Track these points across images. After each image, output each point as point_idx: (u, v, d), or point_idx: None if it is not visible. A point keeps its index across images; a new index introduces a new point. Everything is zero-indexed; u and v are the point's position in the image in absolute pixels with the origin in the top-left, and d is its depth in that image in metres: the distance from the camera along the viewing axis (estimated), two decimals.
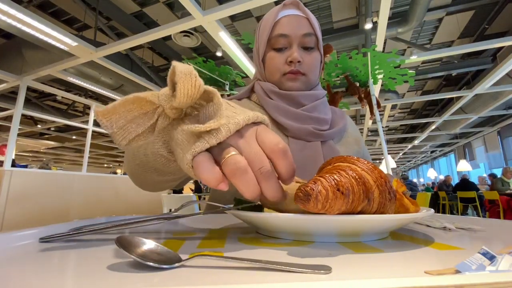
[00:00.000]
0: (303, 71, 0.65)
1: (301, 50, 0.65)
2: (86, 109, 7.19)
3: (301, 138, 0.63)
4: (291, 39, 0.64)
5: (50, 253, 0.26)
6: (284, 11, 0.66)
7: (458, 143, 10.66)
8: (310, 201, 0.27)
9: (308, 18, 0.66)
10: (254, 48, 0.73)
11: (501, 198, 4.63)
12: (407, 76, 3.08)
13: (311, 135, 0.63)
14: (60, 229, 0.34)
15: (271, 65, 0.67)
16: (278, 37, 0.65)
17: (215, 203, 0.38)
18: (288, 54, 0.65)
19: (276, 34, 0.65)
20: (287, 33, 0.64)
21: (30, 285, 0.17)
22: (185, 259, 0.21)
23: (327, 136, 0.65)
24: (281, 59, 0.65)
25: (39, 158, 13.95)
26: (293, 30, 0.64)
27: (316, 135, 0.64)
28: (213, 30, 3.11)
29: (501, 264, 0.17)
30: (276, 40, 0.65)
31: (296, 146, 0.62)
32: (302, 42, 0.65)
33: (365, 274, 0.19)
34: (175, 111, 0.28)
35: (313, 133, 0.63)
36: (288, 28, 0.64)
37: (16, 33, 3.27)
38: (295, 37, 0.64)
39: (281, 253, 0.25)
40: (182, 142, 0.27)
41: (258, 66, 0.71)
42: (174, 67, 0.25)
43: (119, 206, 1.21)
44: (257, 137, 0.27)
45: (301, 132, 0.63)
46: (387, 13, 2.90)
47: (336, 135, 0.68)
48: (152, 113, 0.28)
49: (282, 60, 0.65)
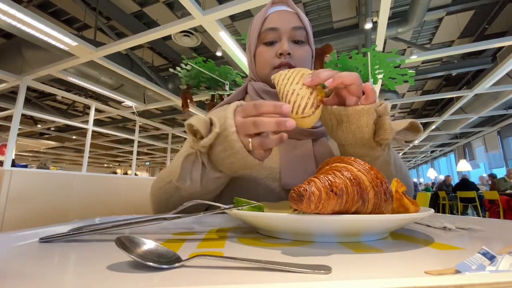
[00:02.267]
0: (294, 64, 0.64)
1: (291, 43, 0.65)
2: (86, 109, 7.19)
3: (292, 137, 0.63)
4: (280, 32, 0.64)
5: (50, 253, 0.26)
6: (273, 8, 0.67)
7: (458, 143, 10.65)
8: (303, 202, 0.27)
9: (297, 13, 0.67)
10: (246, 47, 0.73)
11: (501, 198, 4.63)
12: (407, 76, 3.08)
13: (301, 133, 0.63)
14: (60, 229, 0.34)
15: (262, 59, 0.66)
16: (268, 31, 0.65)
17: (215, 203, 0.38)
18: (278, 47, 0.64)
19: (265, 29, 0.65)
20: (276, 26, 0.64)
21: (30, 285, 0.17)
22: (185, 259, 0.21)
23: (318, 133, 0.65)
24: (271, 53, 0.65)
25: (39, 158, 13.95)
26: (283, 23, 0.64)
27: (307, 133, 0.63)
28: (213, 30, 3.11)
29: (501, 264, 0.17)
30: (266, 34, 0.65)
31: (287, 146, 0.62)
32: (292, 35, 0.65)
33: (365, 274, 0.19)
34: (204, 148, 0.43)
35: (304, 130, 0.63)
36: (278, 22, 0.64)
37: (16, 33, 3.27)
38: (284, 31, 0.64)
39: (281, 253, 0.25)
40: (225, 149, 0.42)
41: (250, 63, 0.71)
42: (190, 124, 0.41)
43: (119, 206, 1.21)
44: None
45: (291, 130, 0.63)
46: (387, 13, 2.90)
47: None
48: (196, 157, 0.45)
49: (272, 53, 0.65)
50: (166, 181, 0.55)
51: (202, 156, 0.45)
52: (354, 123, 0.44)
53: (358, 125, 0.44)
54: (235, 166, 0.44)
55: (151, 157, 14.96)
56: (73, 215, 1.05)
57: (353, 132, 0.45)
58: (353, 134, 0.46)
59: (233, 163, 0.43)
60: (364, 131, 0.45)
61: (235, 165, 0.43)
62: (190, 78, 3.66)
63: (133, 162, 5.98)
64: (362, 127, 0.44)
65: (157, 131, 8.57)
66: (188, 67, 3.53)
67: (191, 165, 0.45)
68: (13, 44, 4.14)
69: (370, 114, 0.43)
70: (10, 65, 4.20)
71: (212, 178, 0.47)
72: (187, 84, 3.76)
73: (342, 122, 0.45)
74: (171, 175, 0.53)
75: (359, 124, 0.44)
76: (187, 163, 0.45)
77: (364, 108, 0.43)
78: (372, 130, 0.45)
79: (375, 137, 0.46)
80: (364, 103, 0.43)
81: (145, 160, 16.03)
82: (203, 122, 0.42)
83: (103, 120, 8.38)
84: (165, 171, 0.59)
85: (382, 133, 0.45)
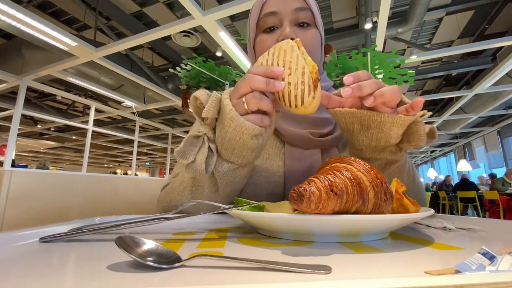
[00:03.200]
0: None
1: (294, 27, 0.56)
2: (86, 109, 7.19)
3: (298, 146, 0.57)
4: (280, 16, 0.55)
5: (50, 253, 0.26)
6: None
7: (458, 143, 10.65)
8: (303, 202, 0.27)
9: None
10: (247, 38, 0.65)
11: (501, 198, 4.63)
12: (407, 76, 3.07)
13: (309, 143, 0.56)
14: (60, 229, 0.34)
15: (261, 49, 0.57)
16: (267, 16, 0.56)
17: (215, 203, 0.38)
18: (278, 33, 0.56)
19: (264, 14, 0.57)
20: (276, 10, 0.56)
21: (30, 285, 0.17)
22: (185, 259, 0.21)
23: (327, 143, 0.56)
24: (271, 40, 0.56)
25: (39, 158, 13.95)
26: (283, 5, 0.55)
27: (315, 143, 0.56)
28: (213, 30, 3.11)
29: (501, 264, 0.17)
30: (265, 20, 0.57)
31: (292, 155, 0.56)
32: (295, 18, 0.56)
33: (365, 274, 0.19)
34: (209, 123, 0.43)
35: (311, 139, 0.55)
36: (277, 5, 0.56)
37: (16, 33, 3.27)
38: (285, 13, 0.55)
39: (281, 253, 0.25)
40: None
41: (250, 55, 0.64)
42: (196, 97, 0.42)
43: (119, 206, 1.21)
44: None
45: (297, 138, 0.56)
46: (387, 13, 2.90)
47: (339, 140, 0.59)
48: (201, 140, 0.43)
49: (273, 41, 0.55)
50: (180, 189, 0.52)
51: (209, 143, 0.43)
52: (384, 131, 0.39)
53: (387, 134, 0.39)
54: (236, 146, 0.41)
55: (151, 157, 14.96)
56: (73, 215, 1.05)
57: (379, 139, 0.41)
58: (378, 142, 0.41)
59: (231, 140, 0.40)
60: (391, 141, 0.41)
61: (235, 143, 0.41)
62: (190, 78, 3.66)
63: (133, 162, 5.98)
64: (391, 138, 0.40)
65: (157, 131, 8.57)
66: (188, 67, 3.52)
67: (197, 147, 0.43)
68: (13, 44, 4.14)
69: (406, 126, 0.39)
70: (10, 65, 4.20)
71: (222, 171, 0.45)
72: (187, 84, 3.76)
73: (369, 128, 0.40)
74: (183, 182, 0.51)
75: (389, 134, 0.39)
76: (193, 140, 0.43)
77: (402, 118, 0.38)
78: (400, 137, 0.41)
79: (406, 142, 0.42)
80: (403, 113, 0.38)
81: (145, 160, 16.03)
82: (207, 95, 0.42)
83: (103, 120, 8.38)
84: (174, 182, 0.55)
85: (415, 139, 0.40)
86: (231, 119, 0.39)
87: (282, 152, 0.58)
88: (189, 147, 0.42)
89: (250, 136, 0.40)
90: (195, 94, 0.42)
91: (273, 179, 0.55)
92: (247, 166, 0.47)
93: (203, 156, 0.41)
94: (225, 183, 0.47)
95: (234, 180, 0.47)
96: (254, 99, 0.37)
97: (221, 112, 0.41)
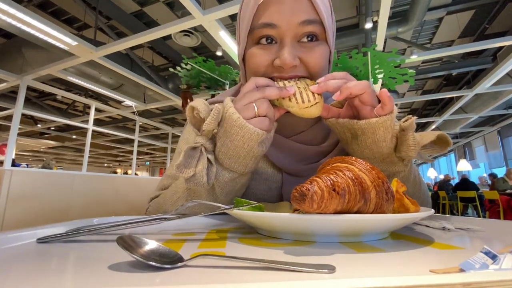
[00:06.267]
0: (301, 75, 0.45)
1: (297, 46, 0.44)
2: (86, 108, 7.19)
3: (296, 175, 0.53)
4: (280, 31, 0.43)
5: (49, 254, 0.25)
6: None
7: (458, 143, 10.65)
8: (306, 201, 0.27)
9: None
10: (236, 37, 0.53)
11: (501, 198, 4.63)
12: (407, 76, 3.07)
13: (307, 172, 0.53)
14: (58, 230, 0.34)
15: (253, 65, 0.46)
16: (262, 27, 0.44)
17: (215, 204, 0.38)
18: (276, 52, 0.44)
19: (259, 24, 0.44)
20: (274, 22, 0.43)
21: (31, 285, 0.17)
22: (188, 259, 0.21)
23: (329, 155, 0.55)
24: (265, 58, 0.45)
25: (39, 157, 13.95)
26: (285, 16, 0.42)
27: (318, 155, 0.54)
28: (213, 30, 3.11)
29: (504, 263, 0.17)
30: (260, 31, 0.44)
31: (290, 182, 0.53)
32: (300, 33, 0.44)
33: (370, 272, 0.19)
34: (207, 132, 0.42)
35: (312, 153, 0.54)
36: (277, 14, 0.43)
37: (16, 32, 3.27)
38: (287, 28, 0.43)
39: (283, 253, 0.25)
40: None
41: (240, 63, 0.52)
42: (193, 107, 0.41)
43: (119, 206, 1.21)
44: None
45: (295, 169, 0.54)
46: (387, 13, 2.90)
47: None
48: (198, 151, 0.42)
49: (268, 59, 0.45)
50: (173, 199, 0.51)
51: (207, 154, 0.42)
52: (370, 137, 0.41)
53: (374, 139, 0.41)
54: (241, 154, 0.42)
55: (151, 156, 14.96)
56: (73, 215, 1.05)
57: (369, 146, 0.42)
58: (370, 149, 0.42)
59: (237, 148, 0.41)
60: (381, 145, 0.41)
61: (241, 150, 0.41)
62: (190, 78, 3.66)
63: (133, 161, 5.98)
64: (379, 142, 0.41)
65: (157, 130, 8.58)
66: (188, 67, 3.52)
67: (195, 158, 0.42)
68: (13, 44, 4.14)
69: (387, 127, 0.40)
70: (10, 64, 4.20)
71: (223, 181, 0.45)
72: (187, 83, 3.76)
73: (357, 135, 0.42)
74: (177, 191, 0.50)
75: (375, 139, 0.41)
76: (191, 152, 0.41)
77: (378, 121, 0.39)
78: (392, 145, 0.42)
79: (397, 152, 0.42)
80: (380, 113, 0.39)
81: (145, 159, 16.03)
82: (205, 105, 0.41)
83: (103, 119, 8.38)
84: (166, 193, 0.54)
85: (404, 149, 0.41)
86: (240, 127, 0.40)
87: (279, 178, 0.56)
88: (187, 159, 0.41)
89: (258, 142, 0.41)
90: (193, 104, 0.41)
91: (271, 200, 0.55)
92: (247, 174, 0.48)
93: (203, 168, 0.41)
94: (225, 192, 0.47)
95: (234, 189, 0.48)
96: (263, 104, 0.40)
97: (226, 121, 0.41)
